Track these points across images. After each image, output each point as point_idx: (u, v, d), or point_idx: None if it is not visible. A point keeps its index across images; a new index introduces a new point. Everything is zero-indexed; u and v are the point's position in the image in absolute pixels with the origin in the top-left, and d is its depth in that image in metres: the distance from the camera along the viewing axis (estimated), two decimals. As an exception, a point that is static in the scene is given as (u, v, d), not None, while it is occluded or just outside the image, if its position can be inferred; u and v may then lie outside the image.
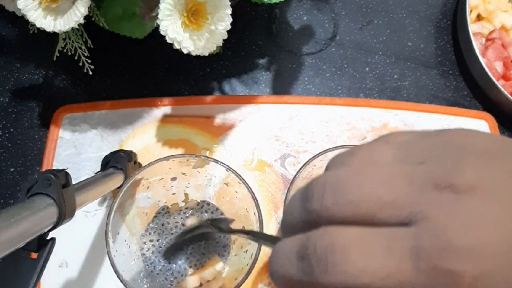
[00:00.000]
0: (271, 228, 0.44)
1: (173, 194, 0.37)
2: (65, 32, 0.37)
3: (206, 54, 0.36)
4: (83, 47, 0.40)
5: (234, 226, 0.37)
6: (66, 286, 0.43)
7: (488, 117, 0.48)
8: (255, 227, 0.31)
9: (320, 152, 0.32)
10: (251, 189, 0.31)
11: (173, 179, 0.35)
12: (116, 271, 0.29)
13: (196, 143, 0.47)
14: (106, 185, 0.34)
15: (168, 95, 0.48)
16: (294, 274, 0.14)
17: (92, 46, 0.40)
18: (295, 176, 0.32)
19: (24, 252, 0.25)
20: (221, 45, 0.36)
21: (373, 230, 0.13)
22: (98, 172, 0.38)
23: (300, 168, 0.32)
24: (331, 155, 0.33)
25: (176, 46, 0.35)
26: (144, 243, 0.36)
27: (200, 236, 0.31)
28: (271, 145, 0.47)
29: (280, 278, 0.15)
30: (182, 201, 0.38)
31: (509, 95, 0.46)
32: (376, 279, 0.12)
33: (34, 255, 0.25)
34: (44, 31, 0.35)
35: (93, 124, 0.47)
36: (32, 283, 0.25)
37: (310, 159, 0.32)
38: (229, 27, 0.35)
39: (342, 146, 0.33)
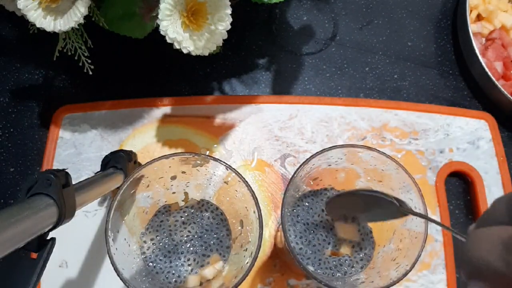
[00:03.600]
0: (271, 227, 0.44)
1: (173, 193, 0.37)
2: (65, 32, 0.37)
3: (206, 54, 0.36)
4: (83, 47, 0.40)
5: (233, 224, 0.37)
6: (66, 286, 0.43)
7: (488, 117, 0.48)
8: (255, 226, 0.31)
9: (318, 152, 0.32)
10: (250, 187, 0.31)
11: (173, 178, 0.35)
12: (116, 270, 0.29)
13: (196, 143, 0.47)
14: (106, 185, 0.34)
15: (168, 95, 0.48)
16: (497, 265, 0.14)
17: (92, 46, 0.40)
18: (293, 175, 0.31)
19: (24, 252, 0.25)
20: (221, 45, 0.36)
21: None
22: (98, 172, 0.38)
23: (299, 167, 0.32)
24: (329, 154, 0.33)
25: (176, 46, 0.35)
26: (144, 242, 0.36)
27: (373, 200, 0.31)
28: (271, 145, 0.47)
29: (479, 265, 0.15)
30: (182, 200, 0.38)
31: (509, 95, 0.46)
32: None
33: (34, 255, 0.25)
34: (44, 31, 0.35)
35: (93, 124, 0.47)
36: (32, 283, 0.25)
37: (308, 158, 0.32)
38: (229, 27, 0.35)
39: (341, 146, 0.32)
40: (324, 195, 0.38)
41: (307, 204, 0.37)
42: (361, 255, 0.36)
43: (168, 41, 0.34)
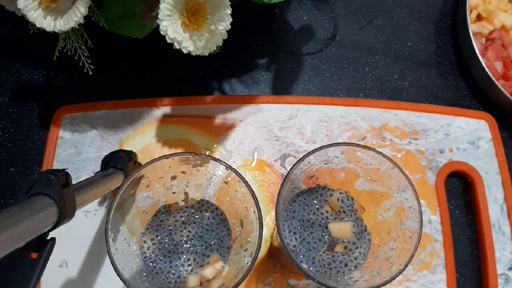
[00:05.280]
0: (271, 227, 0.44)
1: (173, 193, 0.37)
2: (65, 32, 0.37)
3: (206, 54, 0.36)
4: (83, 47, 0.40)
5: (233, 224, 0.37)
6: (66, 286, 0.43)
7: (488, 117, 0.48)
8: (255, 226, 0.31)
9: (315, 149, 0.32)
10: (250, 187, 0.31)
11: (173, 178, 0.35)
12: (116, 270, 0.29)
13: (196, 143, 0.47)
14: (106, 185, 0.34)
15: (168, 95, 0.48)
16: None
17: (92, 46, 0.40)
18: (288, 172, 0.31)
19: (24, 252, 0.25)
20: (221, 45, 0.36)
21: None
22: (98, 172, 0.38)
23: (294, 165, 0.31)
24: (326, 153, 0.33)
25: (176, 46, 0.35)
26: (144, 242, 0.36)
27: None
28: (271, 145, 0.47)
29: None
30: (182, 200, 0.37)
31: (509, 95, 0.46)
32: None
33: (34, 255, 0.25)
34: (44, 31, 0.35)
35: (93, 124, 0.47)
36: (32, 283, 0.25)
37: (304, 155, 0.32)
38: (229, 27, 0.35)
39: (336, 144, 0.32)
40: (318, 193, 0.38)
41: (303, 199, 0.37)
42: (355, 254, 0.36)
43: (168, 41, 0.34)
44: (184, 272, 0.35)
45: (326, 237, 0.36)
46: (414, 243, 0.30)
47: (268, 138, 0.47)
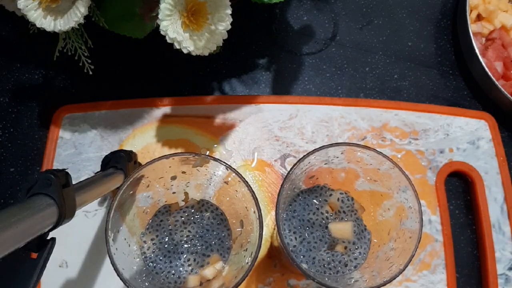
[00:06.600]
0: (271, 227, 0.44)
1: (173, 193, 0.37)
2: (65, 32, 0.37)
3: (206, 54, 0.36)
4: (83, 47, 0.40)
5: (233, 224, 0.37)
6: (66, 286, 0.43)
7: (488, 117, 0.48)
8: (255, 226, 0.31)
9: (315, 149, 0.32)
10: (251, 187, 0.31)
11: (173, 178, 0.35)
12: (116, 270, 0.29)
13: (196, 143, 0.47)
14: (106, 185, 0.34)
15: (168, 95, 0.48)
16: None
17: (92, 46, 0.40)
18: (288, 173, 0.31)
19: (24, 252, 0.25)
20: (221, 45, 0.36)
21: None
22: (98, 172, 0.38)
23: (294, 165, 0.31)
24: (326, 153, 0.33)
25: (176, 46, 0.35)
26: (144, 242, 0.36)
27: None
28: (271, 145, 0.47)
29: None
30: (182, 200, 0.37)
31: (509, 95, 0.46)
32: None
33: (34, 255, 0.25)
34: (44, 31, 0.35)
35: (93, 124, 0.47)
36: (32, 283, 0.25)
37: (304, 155, 0.32)
38: (229, 27, 0.35)
39: (337, 144, 0.32)
40: (318, 193, 0.38)
41: (303, 199, 0.37)
42: (355, 254, 0.36)
43: (168, 41, 0.34)
44: (184, 272, 0.35)
45: (326, 237, 0.36)
46: (414, 243, 0.30)
47: (268, 138, 0.47)
